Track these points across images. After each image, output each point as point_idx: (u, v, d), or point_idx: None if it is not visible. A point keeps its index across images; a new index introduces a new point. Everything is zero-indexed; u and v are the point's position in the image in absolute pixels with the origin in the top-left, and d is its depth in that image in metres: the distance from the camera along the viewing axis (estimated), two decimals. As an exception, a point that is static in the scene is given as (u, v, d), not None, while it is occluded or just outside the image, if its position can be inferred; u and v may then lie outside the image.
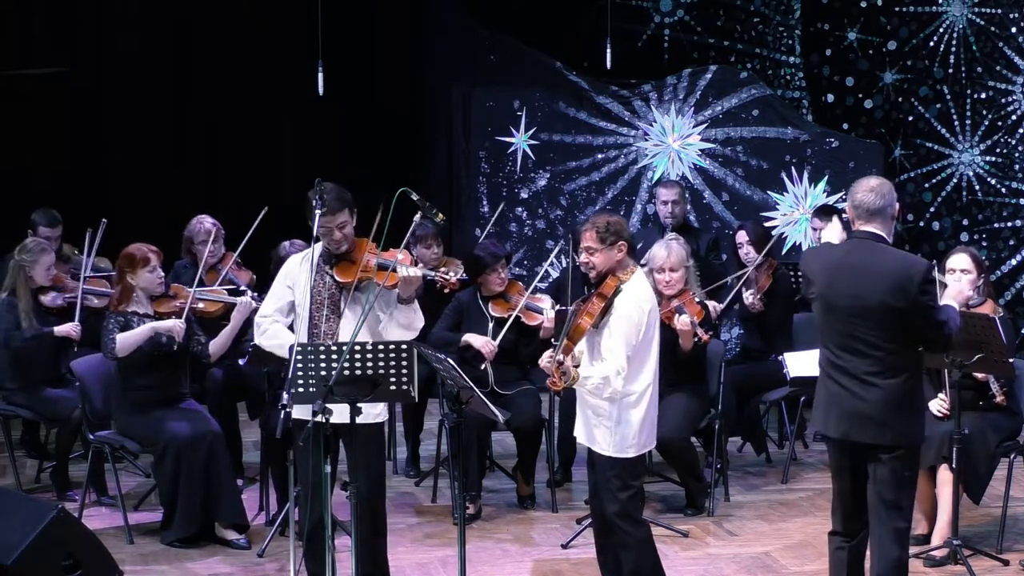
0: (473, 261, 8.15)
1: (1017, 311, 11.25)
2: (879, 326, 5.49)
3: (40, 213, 9.16)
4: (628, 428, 6.00)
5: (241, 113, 11.63)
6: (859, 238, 5.66)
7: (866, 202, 5.63)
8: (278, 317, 6.31)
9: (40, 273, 8.23)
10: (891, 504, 5.60)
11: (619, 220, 6.14)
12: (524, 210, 11.54)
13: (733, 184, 11.36)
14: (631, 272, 6.07)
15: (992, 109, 11.38)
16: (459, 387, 6.11)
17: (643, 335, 5.98)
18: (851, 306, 5.53)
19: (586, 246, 6.08)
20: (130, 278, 7.41)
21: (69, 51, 11.51)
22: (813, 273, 5.73)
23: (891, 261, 5.58)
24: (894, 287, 5.48)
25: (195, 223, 8.57)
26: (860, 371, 5.54)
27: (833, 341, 5.62)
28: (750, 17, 11.77)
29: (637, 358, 5.98)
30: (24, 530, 6.13)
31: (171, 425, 7.32)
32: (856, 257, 5.61)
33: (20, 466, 8.68)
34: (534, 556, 7.31)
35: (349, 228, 6.23)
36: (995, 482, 7.48)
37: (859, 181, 5.75)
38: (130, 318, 7.38)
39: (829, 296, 5.61)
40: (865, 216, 5.65)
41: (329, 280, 6.23)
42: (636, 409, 6.01)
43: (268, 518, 7.72)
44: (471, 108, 11.58)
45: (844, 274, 5.58)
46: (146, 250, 7.45)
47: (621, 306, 5.97)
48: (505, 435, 8.62)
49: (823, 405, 5.71)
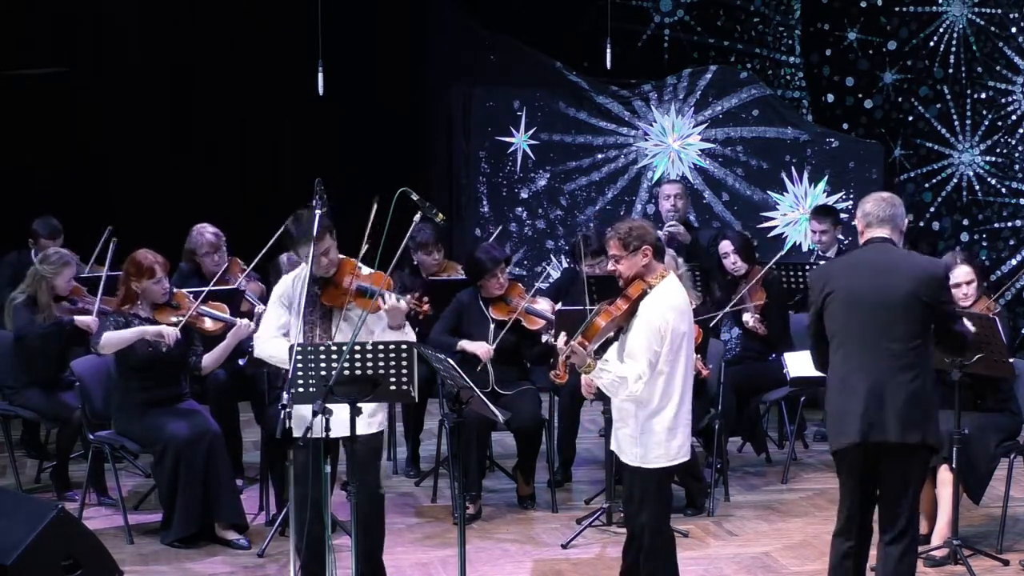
0: (473, 264, 8.13)
1: (1017, 311, 11.25)
2: (905, 319, 5.55)
3: (41, 223, 9.14)
4: (651, 438, 5.91)
5: (241, 113, 11.63)
6: (875, 242, 5.73)
7: (876, 212, 5.75)
8: (277, 335, 6.36)
9: (62, 283, 8.22)
10: (905, 505, 5.65)
11: (642, 224, 6.05)
12: (524, 210, 11.53)
13: (733, 184, 11.36)
14: (660, 276, 5.97)
15: (992, 109, 11.38)
16: (459, 387, 6.11)
17: (668, 342, 5.86)
18: (878, 301, 5.55)
19: (612, 254, 6.01)
20: (134, 284, 7.40)
21: (69, 51, 11.52)
22: (831, 276, 5.73)
23: (915, 259, 5.79)
24: (920, 283, 5.58)
25: (196, 235, 8.50)
26: (884, 369, 5.54)
27: (855, 340, 5.58)
28: (750, 17, 11.77)
29: (663, 366, 5.87)
30: (24, 530, 6.13)
31: (171, 425, 7.32)
32: (879, 256, 5.69)
33: (20, 466, 8.68)
34: (534, 556, 7.31)
35: (333, 252, 6.27)
36: (995, 482, 7.47)
37: (870, 195, 5.88)
38: (131, 319, 7.37)
39: (855, 291, 5.60)
40: (874, 223, 5.75)
41: (318, 300, 6.29)
42: (659, 419, 5.90)
43: (268, 518, 7.72)
44: (471, 108, 11.58)
45: (869, 270, 5.64)
46: (152, 260, 7.40)
47: (646, 311, 5.89)
48: (505, 435, 8.61)
49: (839, 414, 5.64)
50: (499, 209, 11.52)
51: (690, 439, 6.08)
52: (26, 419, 8.72)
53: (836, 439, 5.71)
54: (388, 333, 6.22)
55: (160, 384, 7.44)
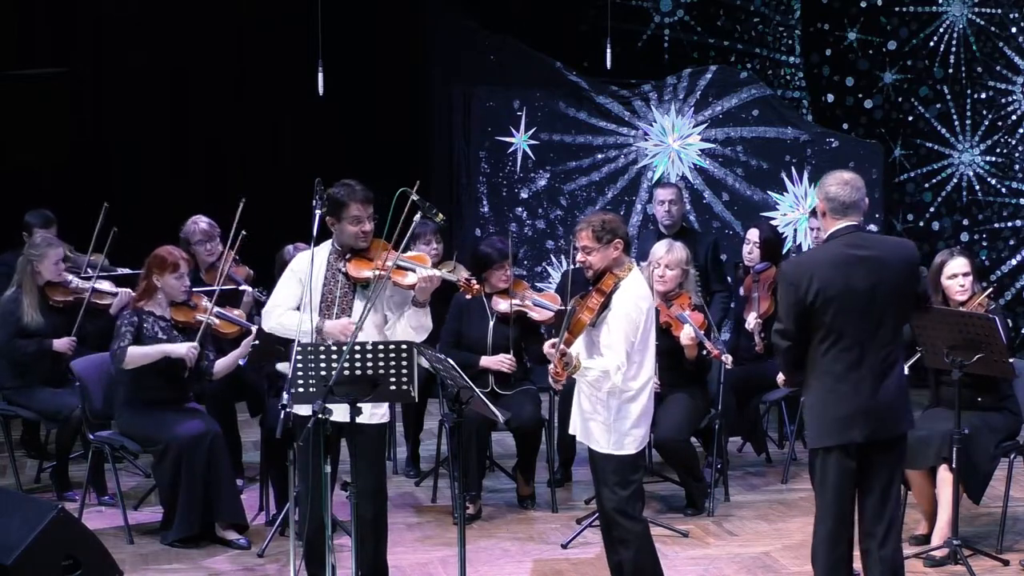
0: (479, 257, 8.14)
1: (1017, 311, 11.25)
2: (893, 314, 5.54)
3: (33, 214, 9.16)
4: (625, 424, 6.01)
5: (241, 113, 11.62)
6: (849, 232, 5.58)
7: (841, 196, 5.58)
8: (288, 306, 6.31)
9: (48, 267, 8.22)
10: (894, 496, 5.68)
11: (614, 218, 6.16)
12: (524, 210, 11.54)
13: (733, 184, 11.36)
14: (628, 269, 6.10)
15: (992, 109, 11.38)
16: (459, 387, 6.11)
17: (641, 331, 6.00)
18: (870, 299, 5.49)
19: (582, 245, 6.10)
20: (156, 279, 7.41)
21: (69, 51, 11.52)
22: (815, 274, 5.52)
23: (893, 245, 5.75)
24: (907, 270, 5.59)
25: (190, 224, 8.58)
26: (878, 366, 5.52)
27: (849, 339, 5.50)
28: (750, 17, 11.77)
29: (636, 354, 5.99)
30: (24, 530, 6.13)
31: (171, 425, 7.32)
32: (860, 250, 5.55)
33: (20, 466, 8.68)
34: (534, 556, 7.31)
35: (368, 225, 6.27)
36: (995, 482, 7.47)
37: (830, 174, 5.68)
38: (145, 318, 7.37)
39: (847, 289, 5.47)
40: (841, 210, 5.58)
41: (342, 279, 6.25)
42: (634, 404, 6.02)
43: (268, 518, 7.72)
44: (471, 108, 11.58)
45: (856, 266, 5.51)
46: (178, 256, 7.46)
47: (619, 303, 5.99)
48: (505, 435, 8.61)
49: (838, 414, 5.56)
50: (499, 209, 11.52)
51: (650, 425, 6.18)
52: (26, 419, 8.72)
53: (837, 437, 5.59)
54: (404, 321, 6.21)
55: (166, 386, 7.45)
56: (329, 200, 6.22)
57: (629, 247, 6.21)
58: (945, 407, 7.12)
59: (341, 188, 6.26)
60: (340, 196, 6.23)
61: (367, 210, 6.23)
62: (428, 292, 6.20)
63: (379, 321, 6.23)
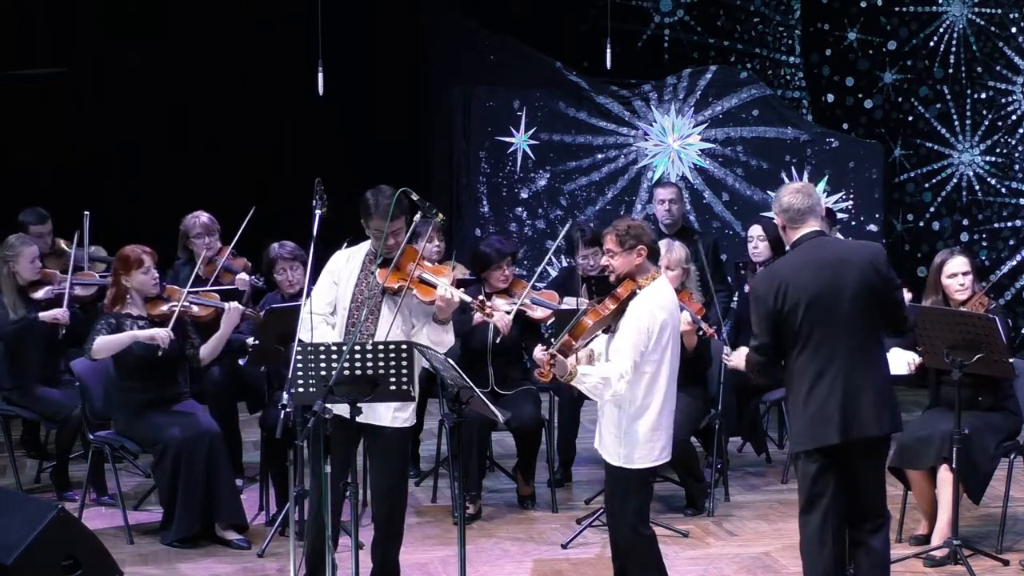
0: (479, 256, 8.14)
1: (1017, 311, 11.25)
2: (863, 313, 5.57)
3: (27, 212, 9.17)
4: (634, 439, 5.93)
5: (241, 113, 11.62)
6: (811, 237, 5.68)
7: (795, 204, 5.68)
8: (327, 313, 6.31)
9: (24, 267, 8.23)
10: (883, 491, 5.71)
11: (640, 224, 6.07)
12: (524, 210, 11.54)
13: (733, 184, 11.36)
14: (651, 277, 5.99)
15: (992, 109, 11.38)
16: (459, 387, 6.11)
17: (654, 342, 5.87)
18: (837, 299, 5.55)
19: (607, 249, 6.05)
20: (124, 280, 7.41)
21: (69, 51, 11.51)
22: (782, 282, 5.60)
23: (855, 247, 5.88)
24: (871, 269, 5.61)
25: (190, 218, 8.60)
26: (852, 366, 5.56)
27: (820, 341, 5.56)
28: (750, 17, 11.77)
29: (647, 366, 5.89)
30: (24, 530, 6.13)
31: (171, 426, 7.32)
32: (824, 253, 5.66)
33: (20, 466, 8.68)
34: (534, 556, 7.31)
35: (402, 235, 6.23)
36: (995, 482, 7.47)
37: (781, 188, 5.84)
38: (123, 320, 7.38)
39: (813, 292, 5.55)
40: (799, 217, 5.69)
41: (373, 280, 6.25)
42: (643, 420, 5.92)
43: (268, 518, 7.72)
44: (471, 108, 11.59)
45: (820, 269, 5.59)
46: (140, 251, 7.45)
47: (634, 310, 5.91)
48: (505, 435, 8.61)
49: (815, 416, 5.59)
50: (499, 209, 11.52)
51: (671, 440, 6.06)
52: (26, 419, 8.72)
53: (812, 440, 5.64)
54: (424, 332, 6.24)
55: (160, 384, 7.45)
56: (361, 202, 6.22)
57: (655, 255, 6.09)
58: (945, 407, 7.12)
59: (369, 196, 6.23)
60: (366, 206, 6.22)
61: (393, 225, 6.13)
62: (448, 312, 6.22)
63: (407, 327, 6.25)
